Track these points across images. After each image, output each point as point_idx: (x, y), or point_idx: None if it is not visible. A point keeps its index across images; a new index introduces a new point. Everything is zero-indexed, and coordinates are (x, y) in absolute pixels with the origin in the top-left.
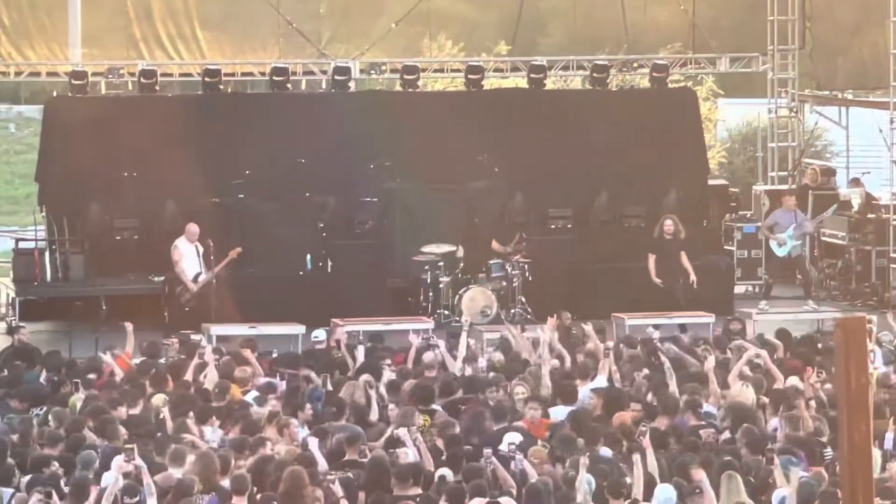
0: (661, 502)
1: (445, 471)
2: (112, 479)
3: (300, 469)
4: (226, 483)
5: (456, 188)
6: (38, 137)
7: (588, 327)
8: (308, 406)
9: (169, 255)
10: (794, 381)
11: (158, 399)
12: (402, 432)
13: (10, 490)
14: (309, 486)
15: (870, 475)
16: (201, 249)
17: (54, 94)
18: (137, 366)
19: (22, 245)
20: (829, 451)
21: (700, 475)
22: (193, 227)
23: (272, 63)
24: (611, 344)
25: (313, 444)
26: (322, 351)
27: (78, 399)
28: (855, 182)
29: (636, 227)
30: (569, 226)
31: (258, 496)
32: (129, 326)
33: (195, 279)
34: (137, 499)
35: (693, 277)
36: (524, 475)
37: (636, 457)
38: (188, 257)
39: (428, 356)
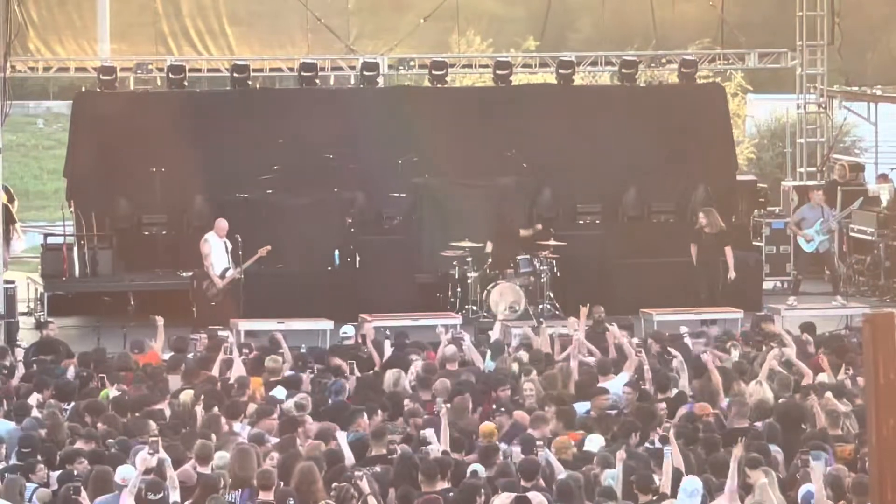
0: (689, 494)
1: (477, 466)
2: (135, 473)
3: (311, 465)
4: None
5: (484, 184)
6: (66, 133)
7: (614, 327)
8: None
9: (197, 250)
10: (822, 377)
11: (187, 395)
12: (428, 433)
13: (34, 484)
14: (319, 482)
15: None
16: (230, 246)
17: (83, 89)
18: (166, 361)
19: (50, 240)
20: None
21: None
22: (223, 223)
23: (300, 59)
24: (636, 340)
25: (342, 437)
26: (350, 346)
27: (109, 394)
28: (883, 178)
29: (665, 222)
30: (597, 221)
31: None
32: (159, 321)
33: (222, 274)
34: (162, 495)
35: (732, 274)
36: (551, 468)
37: (667, 449)
38: (217, 252)
39: (449, 350)
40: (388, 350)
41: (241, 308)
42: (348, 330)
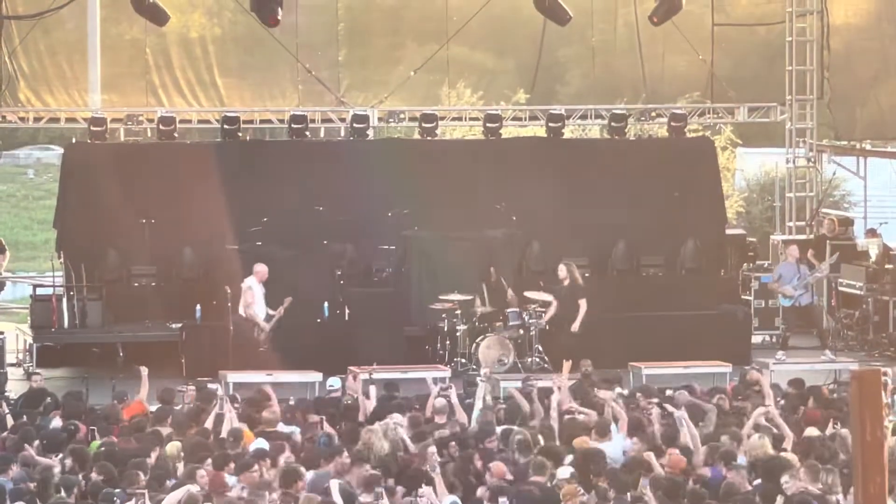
0: None
1: None
2: None
3: None
4: None
5: (473, 237)
6: (56, 183)
7: (603, 392)
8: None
9: (187, 301)
10: (812, 431)
11: (172, 447)
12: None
13: None
14: None
15: None
16: (265, 291)
17: (73, 140)
18: (153, 413)
19: (40, 291)
20: None
21: None
22: (263, 267)
23: (291, 110)
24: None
25: (334, 487)
26: (335, 399)
27: (97, 445)
28: (872, 233)
29: (654, 276)
30: (586, 275)
31: None
32: (143, 371)
33: (266, 320)
34: None
35: (574, 327)
36: None
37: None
38: (259, 298)
39: (438, 402)
40: (374, 399)
41: (229, 360)
42: (335, 382)
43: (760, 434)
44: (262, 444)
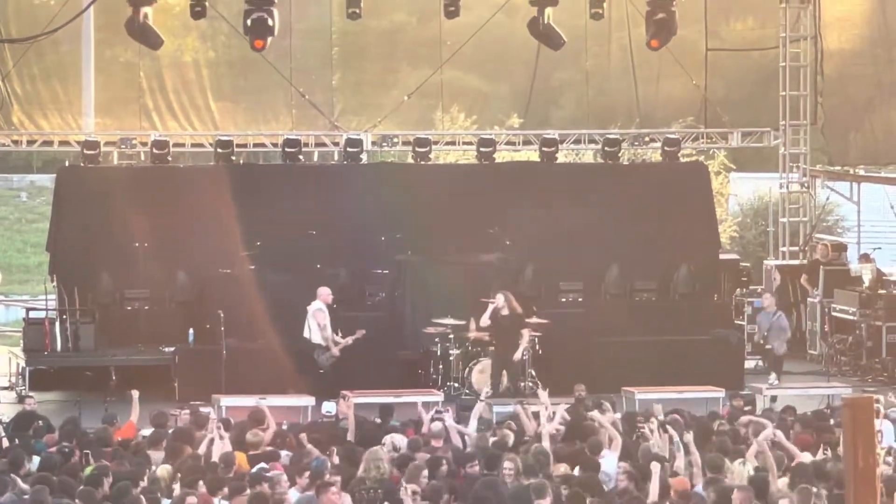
0: None
1: None
2: None
3: None
4: None
5: (467, 261)
6: (50, 206)
7: (601, 416)
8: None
9: (180, 325)
10: (805, 456)
11: (163, 470)
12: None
13: None
14: None
15: None
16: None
17: (66, 163)
18: (147, 437)
19: (32, 314)
20: None
21: None
22: (326, 290)
23: (284, 134)
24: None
25: None
26: (328, 423)
27: (91, 470)
28: (865, 258)
29: (647, 300)
30: (580, 299)
31: None
32: (134, 394)
33: (335, 342)
34: None
35: (517, 356)
36: None
37: None
38: (328, 321)
39: (435, 426)
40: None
41: (222, 384)
42: (330, 408)
43: (742, 461)
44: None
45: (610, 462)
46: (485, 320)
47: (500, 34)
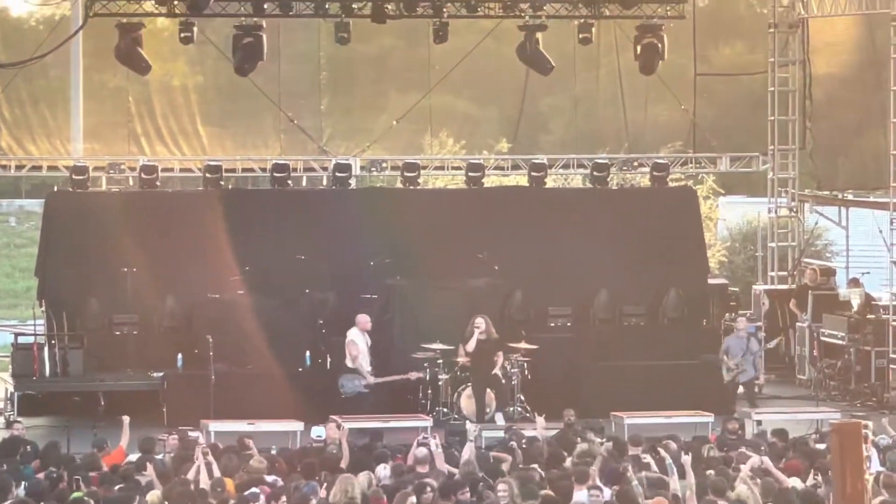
0: None
1: None
2: None
3: None
4: None
5: (456, 286)
6: (38, 231)
7: (596, 444)
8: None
9: (169, 350)
10: (795, 481)
11: (153, 496)
12: None
13: None
14: None
15: None
16: (369, 341)
17: (55, 188)
18: (134, 462)
19: (21, 339)
20: None
21: None
22: (364, 317)
23: (273, 159)
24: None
25: None
26: (319, 448)
27: (81, 495)
28: (854, 282)
29: (636, 325)
30: (568, 324)
31: None
32: (125, 420)
33: (371, 372)
34: None
35: (496, 372)
36: None
37: None
38: (364, 349)
39: (420, 451)
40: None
41: (211, 409)
42: (320, 432)
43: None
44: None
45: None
46: (471, 346)
47: (489, 59)
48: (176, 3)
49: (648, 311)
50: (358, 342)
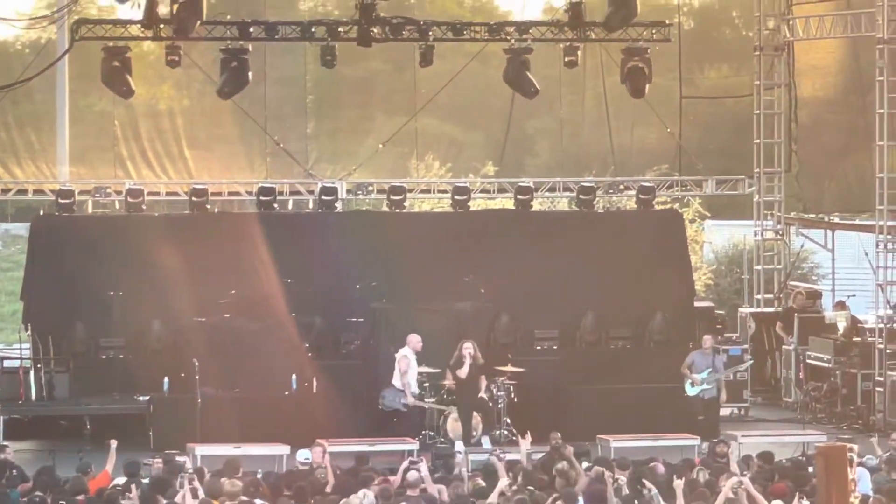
0: None
1: None
2: None
3: None
4: None
5: (442, 309)
6: (24, 255)
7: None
8: None
9: (155, 374)
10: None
11: None
12: None
13: None
14: None
15: None
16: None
17: (41, 212)
18: (120, 486)
19: (7, 363)
20: None
21: None
22: (415, 337)
23: (259, 183)
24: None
25: None
26: (305, 472)
27: None
28: (840, 305)
29: (622, 348)
30: (555, 347)
31: None
32: (112, 444)
33: (420, 397)
34: None
35: (483, 395)
36: None
37: None
38: (413, 368)
39: (412, 475)
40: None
41: (197, 433)
42: (306, 455)
43: None
44: None
45: None
46: (464, 372)
47: (475, 82)
48: (162, 26)
49: (634, 333)
50: (410, 359)
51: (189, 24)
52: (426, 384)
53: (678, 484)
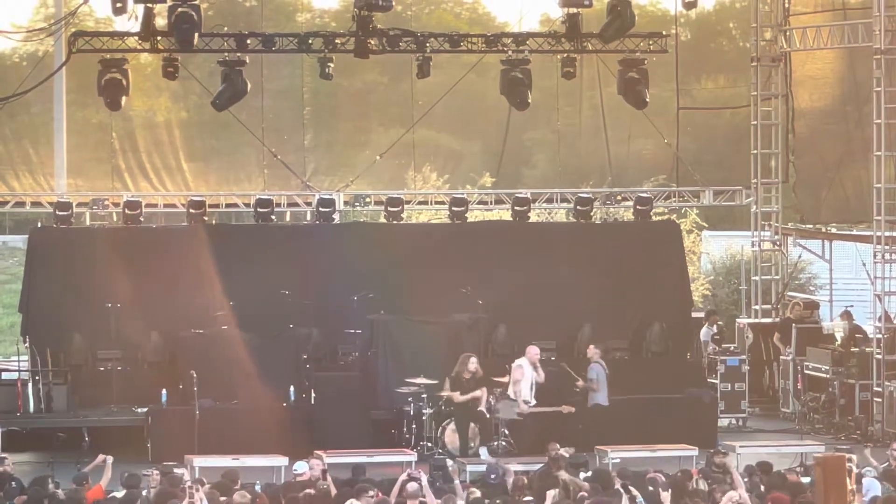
0: None
1: None
2: None
3: None
4: None
5: (440, 320)
6: (22, 267)
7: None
8: None
9: (154, 385)
10: None
11: None
12: None
13: None
14: None
15: None
16: (535, 376)
17: (39, 224)
18: (120, 499)
19: (5, 376)
20: None
21: None
22: (535, 350)
23: (257, 194)
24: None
25: None
26: (303, 483)
27: None
28: (847, 315)
29: (620, 359)
30: (552, 358)
31: None
32: (108, 459)
33: (525, 401)
34: None
35: (481, 407)
36: None
37: None
38: (526, 379)
39: (411, 487)
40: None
41: (195, 444)
42: (301, 467)
43: None
44: None
45: None
46: (474, 392)
47: (472, 94)
48: (158, 39)
49: (632, 344)
50: (525, 369)
51: (190, 36)
52: (424, 395)
53: (665, 496)
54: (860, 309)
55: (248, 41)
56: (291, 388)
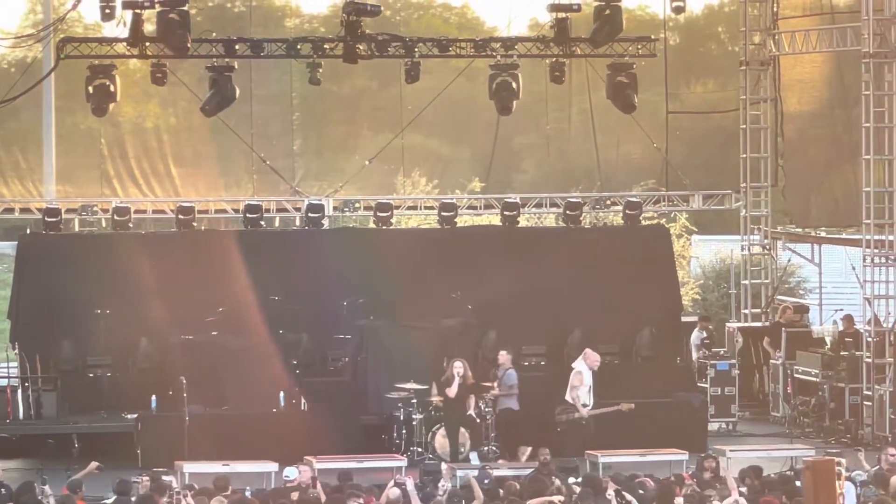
0: None
1: None
2: None
3: None
4: None
5: (429, 326)
6: (11, 274)
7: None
8: None
9: (143, 392)
10: None
11: None
12: None
13: None
14: None
15: None
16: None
17: (27, 230)
18: None
19: None
20: None
21: None
22: (595, 354)
23: (246, 200)
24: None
25: None
26: (292, 489)
27: None
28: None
29: (610, 364)
30: (542, 363)
31: None
32: (93, 465)
33: (583, 405)
34: None
35: (471, 412)
36: None
37: None
38: (587, 382)
39: (393, 493)
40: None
41: (185, 450)
42: (291, 473)
43: None
44: None
45: None
46: (454, 391)
47: (461, 98)
48: (147, 44)
49: (622, 349)
50: (584, 374)
51: (183, 41)
52: (413, 401)
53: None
54: (850, 312)
55: (237, 47)
56: (281, 394)
